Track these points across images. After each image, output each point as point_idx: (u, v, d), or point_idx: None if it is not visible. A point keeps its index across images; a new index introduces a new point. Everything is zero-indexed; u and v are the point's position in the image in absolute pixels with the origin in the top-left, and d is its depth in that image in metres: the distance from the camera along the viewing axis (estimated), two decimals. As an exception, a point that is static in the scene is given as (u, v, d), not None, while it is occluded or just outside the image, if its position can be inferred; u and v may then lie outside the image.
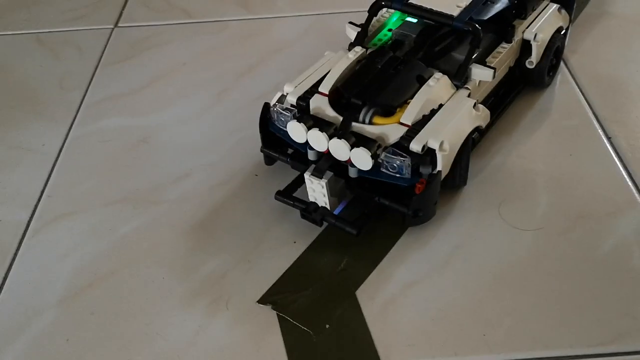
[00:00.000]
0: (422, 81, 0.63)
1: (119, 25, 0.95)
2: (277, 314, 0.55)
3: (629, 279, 0.56)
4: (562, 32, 0.76)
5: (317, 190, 0.60)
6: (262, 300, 0.56)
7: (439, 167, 0.58)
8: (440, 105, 0.62)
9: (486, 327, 0.53)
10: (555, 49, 0.74)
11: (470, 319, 0.54)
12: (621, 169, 0.67)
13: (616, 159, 0.68)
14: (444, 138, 0.58)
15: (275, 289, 0.57)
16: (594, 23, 0.88)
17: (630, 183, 0.65)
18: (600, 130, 0.71)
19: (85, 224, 0.64)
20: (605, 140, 0.70)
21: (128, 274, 0.59)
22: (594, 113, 0.74)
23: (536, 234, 0.61)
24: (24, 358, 0.53)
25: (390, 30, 0.72)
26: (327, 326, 0.54)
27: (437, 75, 0.63)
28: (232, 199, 0.66)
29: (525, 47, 0.72)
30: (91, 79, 0.84)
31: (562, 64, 0.80)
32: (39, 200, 0.67)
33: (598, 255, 0.58)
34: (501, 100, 0.74)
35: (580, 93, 0.77)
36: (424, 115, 0.60)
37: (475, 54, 0.65)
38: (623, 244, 0.59)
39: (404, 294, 0.56)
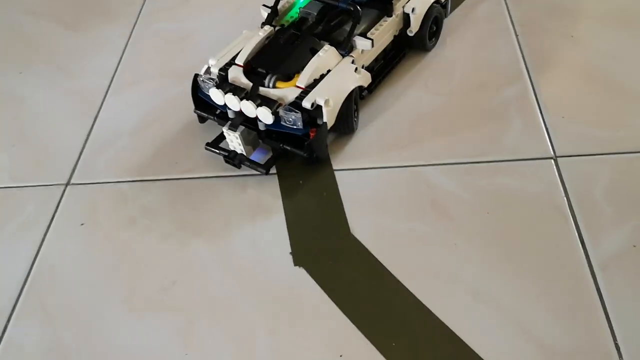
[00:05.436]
0: (314, 52, 0.77)
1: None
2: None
3: (500, 119, 0.84)
4: (441, 3, 0.92)
5: (234, 141, 0.77)
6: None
7: (324, 119, 0.74)
8: (329, 71, 0.77)
9: (401, 147, 0.82)
10: (434, 19, 0.91)
11: (405, 139, 0.82)
12: (519, 54, 0.94)
13: (517, 48, 0.95)
14: (329, 96, 0.73)
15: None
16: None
17: (522, 64, 0.92)
18: (512, 31, 0.98)
19: (147, 88, 0.95)
20: (514, 37, 0.97)
21: (175, 119, 0.90)
22: (510, 20, 1.00)
23: (448, 96, 0.89)
24: (114, 161, 0.85)
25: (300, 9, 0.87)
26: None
27: (327, 47, 0.78)
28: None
29: (407, 18, 0.87)
30: (146, -5, 1.15)
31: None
32: (114, 73, 0.98)
33: (486, 106, 0.86)
34: (390, 61, 0.90)
35: (505, 5, 1.03)
36: (315, 79, 0.75)
37: (361, 28, 0.81)
38: (505, 102, 0.87)
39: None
